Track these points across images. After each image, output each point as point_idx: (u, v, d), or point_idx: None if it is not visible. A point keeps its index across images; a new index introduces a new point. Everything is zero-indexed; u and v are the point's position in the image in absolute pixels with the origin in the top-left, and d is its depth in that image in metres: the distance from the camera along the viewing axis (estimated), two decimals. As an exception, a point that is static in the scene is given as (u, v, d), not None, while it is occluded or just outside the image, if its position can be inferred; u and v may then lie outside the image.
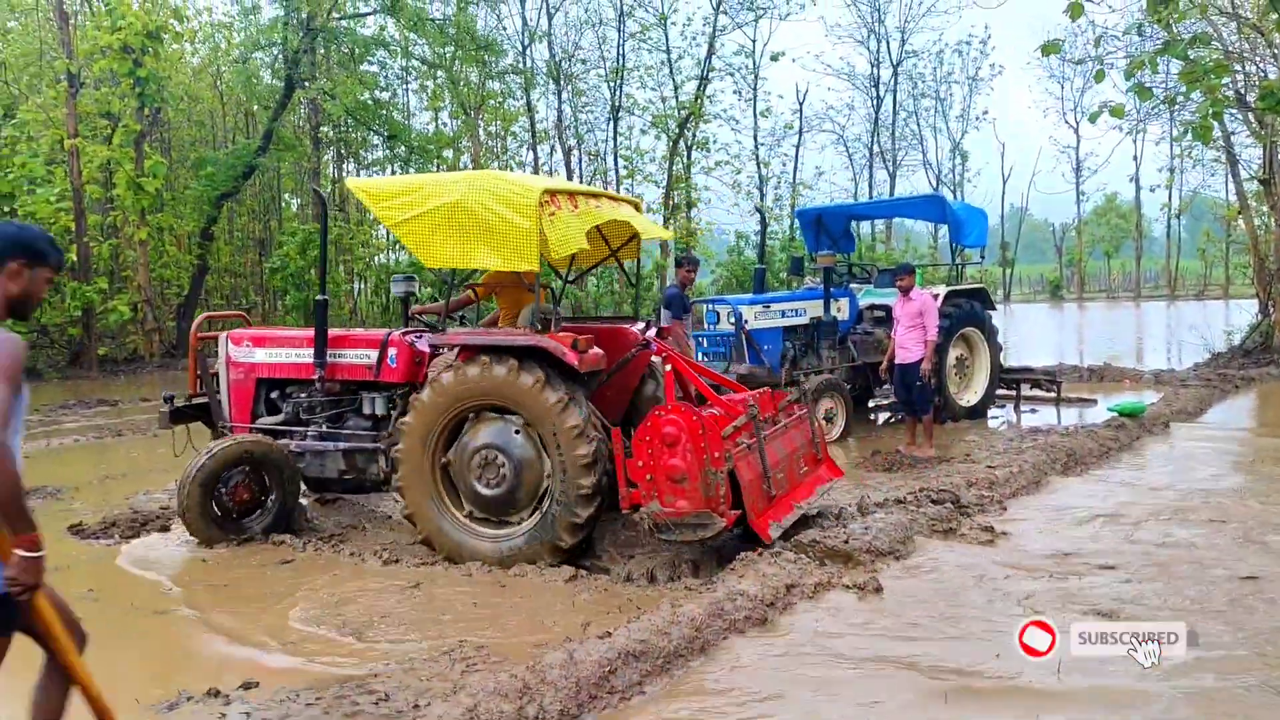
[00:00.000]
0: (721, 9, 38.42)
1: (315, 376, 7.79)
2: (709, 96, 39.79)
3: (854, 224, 17.31)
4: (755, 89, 42.35)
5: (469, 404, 6.88)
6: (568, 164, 40.96)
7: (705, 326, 12.87)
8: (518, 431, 6.85)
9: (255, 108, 34.54)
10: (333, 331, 7.94)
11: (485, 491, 6.91)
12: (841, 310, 13.42)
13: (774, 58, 44.53)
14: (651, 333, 7.92)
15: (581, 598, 6.18)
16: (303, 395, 7.97)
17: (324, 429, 7.85)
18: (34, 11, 31.39)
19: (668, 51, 39.54)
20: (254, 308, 33.07)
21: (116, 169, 26.91)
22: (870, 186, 51.22)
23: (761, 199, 41.64)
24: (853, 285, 14.48)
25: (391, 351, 7.64)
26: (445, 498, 7.03)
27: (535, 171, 41.24)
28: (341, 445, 7.78)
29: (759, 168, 42.72)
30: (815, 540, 6.72)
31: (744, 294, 16.50)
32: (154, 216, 28.16)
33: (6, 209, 25.08)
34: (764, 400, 7.58)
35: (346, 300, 36.40)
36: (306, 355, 7.87)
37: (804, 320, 13.04)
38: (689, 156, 39.42)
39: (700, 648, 5.15)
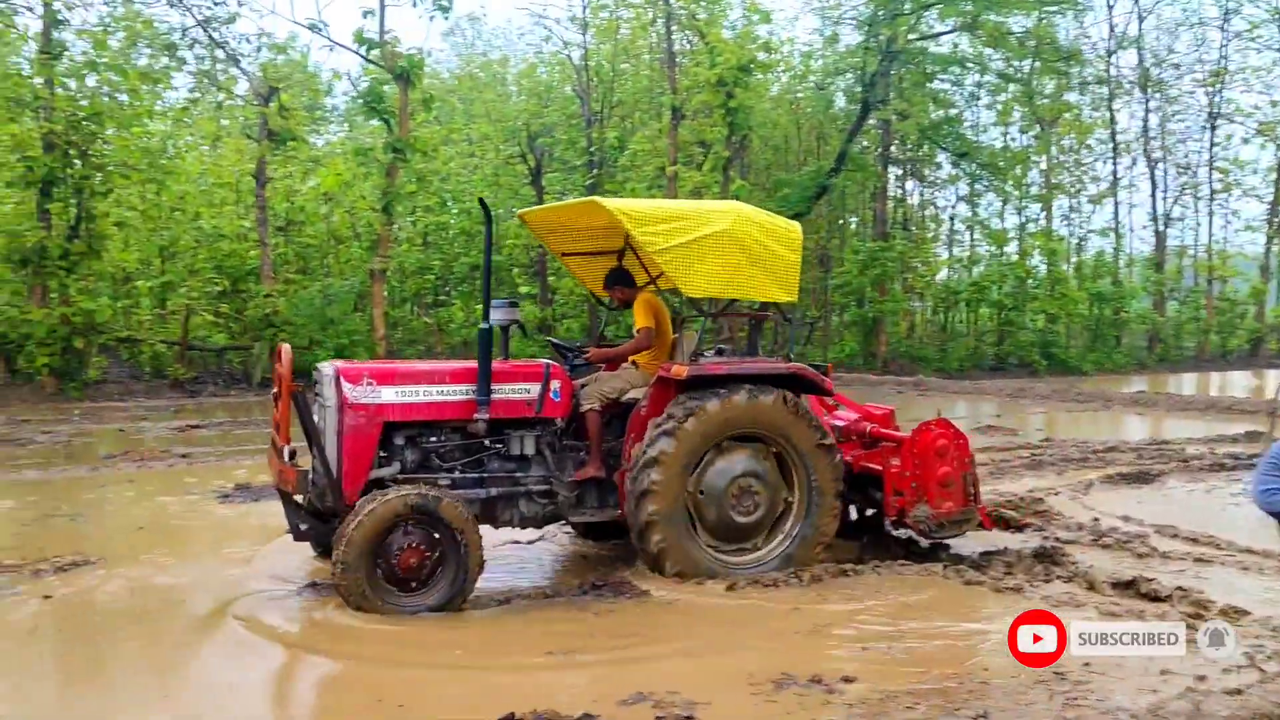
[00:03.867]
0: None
1: (478, 416, 6.80)
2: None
3: None
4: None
5: (728, 432, 7.03)
6: (1152, 176, 37.64)
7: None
8: (769, 458, 7.19)
9: (828, 131, 36.02)
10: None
11: (740, 520, 7.09)
12: None
13: None
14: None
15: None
16: (434, 439, 6.90)
17: (461, 475, 6.94)
18: (644, 55, 35.54)
19: (1282, 48, 34.76)
20: (818, 320, 34.40)
21: (705, 192, 29.61)
22: None
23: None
24: None
25: (555, 385, 7.08)
26: (696, 529, 7.06)
27: (1114, 186, 38.42)
28: (495, 490, 7.00)
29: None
30: None
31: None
32: (735, 235, 30.50)
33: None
34: (885, 418, 8.12)
35: (904, 318, 36.65)
36: (451, 392, 6.82)
37: None
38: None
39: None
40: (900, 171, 37.35)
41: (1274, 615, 5.98)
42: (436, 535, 6.25)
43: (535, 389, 7.01)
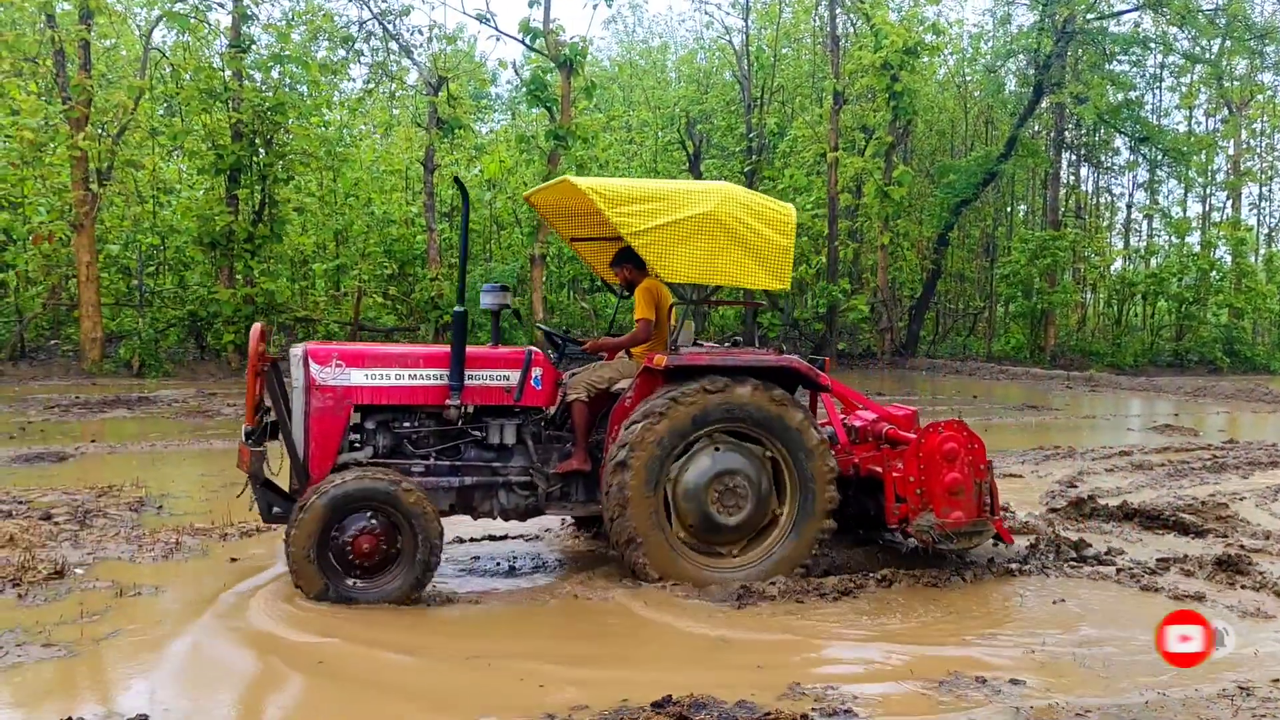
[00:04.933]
0: None
1: (449, 402, 6.53)
2: None
3: None
4: None
5: (705, 427, 6.52)
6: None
7: None
8: (758, 457, 6.66)
9: (997, 115, 34.83)
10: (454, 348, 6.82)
11: (721, 520, 6.55)
12: None
13: None
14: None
15: None
16: (407, 424, 6.66)
17: (435, 462, 6.66)
18: (806, 39, 35.09)
19: None
20: (982, 311, 33.39)
21: (866, 179, 29.08)
22: None
23: None
24: None
25: (536, 372, 6.71)
26: (667, 525, 6.53)
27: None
28: (471, 479, 6.69)
29: None
30: None
31: None
32: (896, 223, 29.90)
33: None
34: (906, 420, 7.46)
35: (1075, 310, 35.15)
36: (423, 377, 6.55)
37: None
38: None
39: None
40: (1074, 157, 35.80)
41: None
42: (393, 522, 6.03)
43: (515, 376, 6.69)
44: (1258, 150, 36.76)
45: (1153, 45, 31.76)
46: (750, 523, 6.65)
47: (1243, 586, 6.61)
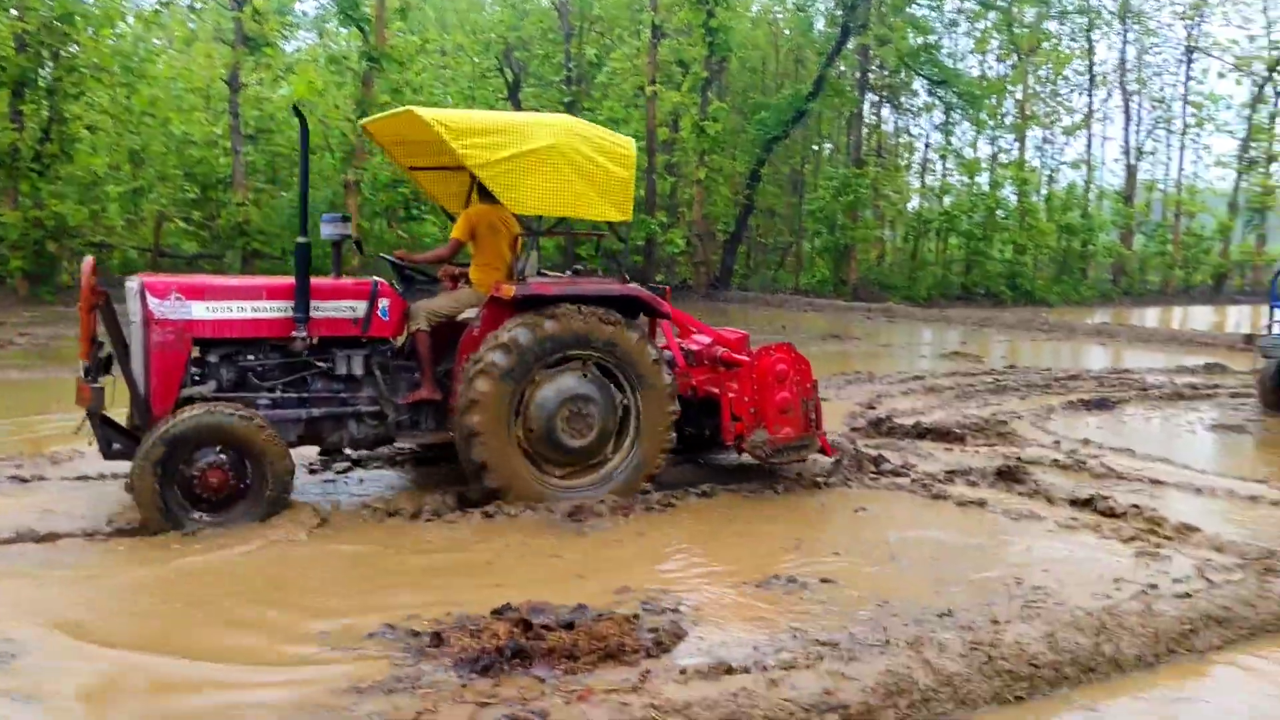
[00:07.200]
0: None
1: (295, 334, 6.49)
2: (1311, 34, 34.53)
3: None
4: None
5: (557, 353, 6.73)
6: (1126, 110, 37.84)
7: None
8: (596, 378, 6.87)
9: (806, 55, 35.82)
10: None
11: (570, 443, 6.77)
12: None
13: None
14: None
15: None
16: (252, 357, 6.56)
17: (281, 395, 6.62)
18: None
19: (1265, -17, 34.83)
20: (791, 245, 34.62)
21: (683, 113, 29.53)
22: None
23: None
24: None
25: (383, 303, 6.76)
26: (520, 446, 6.76)
27: (1088, 118, 38.63)
28: (319, 411, 6.68)
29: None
30: None
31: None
32: (711, 158, 30.52)
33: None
34: (738, 343, 7.79)
35: (875, 246, 36.90)
36: (266, 309, 6.47)
37: None
38: (1277, 104, 34.55)
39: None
40: (876, 98, 37.36)
41: (1222, 533, 6.35)
42: (239, 455, 6.05)
43: (361, 307, 6.70)
44: (1042, 96, 39.28)
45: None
46: (592, 448, 6.86)
47: (1019, 493, 7.38)
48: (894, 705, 3.85)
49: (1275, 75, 35.12)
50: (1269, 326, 11.49)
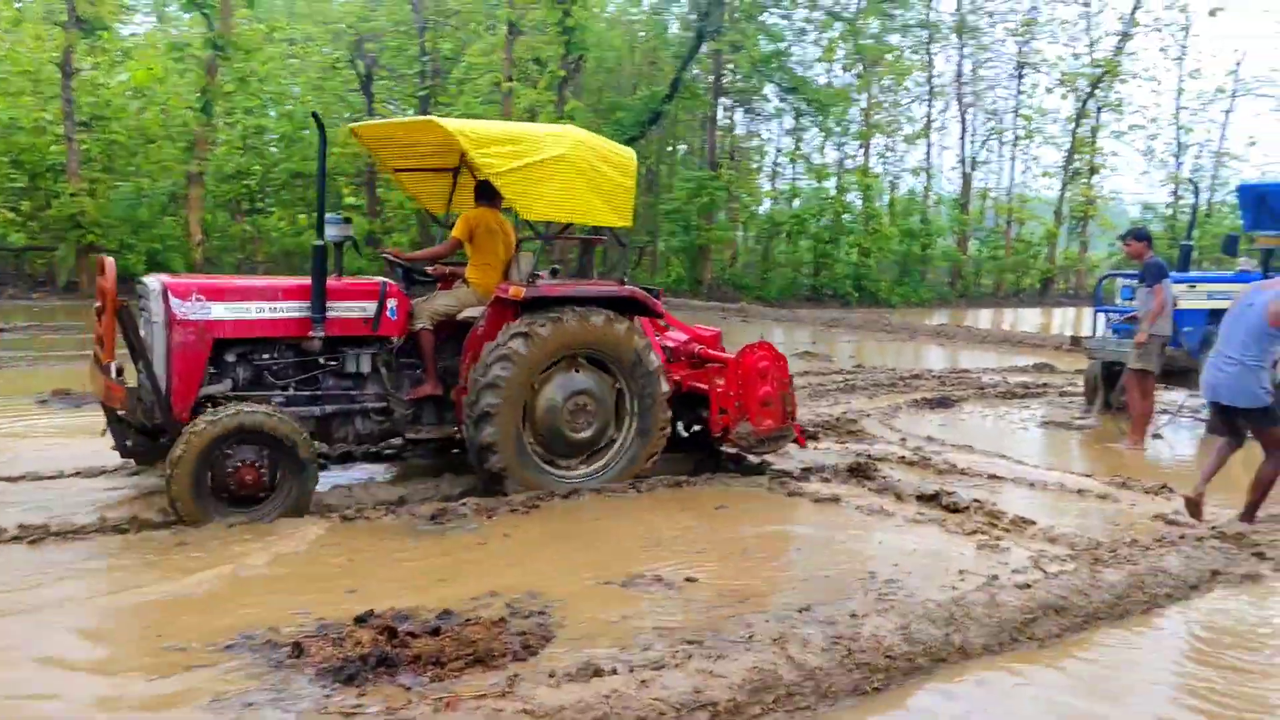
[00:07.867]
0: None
1: (313, 334, 6.81)
2: (1129, 54, 36.86)
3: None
4: (1185, 46, 38.68)
5: (563, 353, 7.20)
6: (962, 120, 39.62)
7: (1119, 302, 12.22)
8: (603, 377, 7.40)
9: (661, 57, 36.16)
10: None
11: (574, 436, 7.30)
12: None
13: (1212, 12, 40.25)
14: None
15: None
16: (267, 356, 6.84)
17: (295, 392, 6.92)
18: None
19: (1087, 4, 37.00)
20: (648, 245, 34.87)
21: (540, 111, 29.39)
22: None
23: (1178, 168, 38.15)
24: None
25: (391, 303, 7.11)
26: (530, 443, 7.22)
27: (927, 127, 40.27)
28: (330, 408, 7.03)
29: (1179, 134, 39.10)
30: (1241, 533, 6.44)
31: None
32: (568, 155, 30.46)
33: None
34: (713, 340, 8.46)
35: (728, 247, 37.55)
36: (283, 309, 6.77)
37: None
38: (1098, 119, 36.74)
39: (1119, 615, 5.17)
40: (730, 103, 38.01)
41: (1055, 525, 6.76)
42: (269, 452, 6.25)
43: (372, 307, 7.03)
44: (885, 105, 40.71)
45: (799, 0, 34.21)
46: (600, 434, 7.39)
47: (870, 490, 7.69)
48: (760, 701, 3.97)
49: (1097, 91, 37.32)
50: (1095, 329, 12.23)
